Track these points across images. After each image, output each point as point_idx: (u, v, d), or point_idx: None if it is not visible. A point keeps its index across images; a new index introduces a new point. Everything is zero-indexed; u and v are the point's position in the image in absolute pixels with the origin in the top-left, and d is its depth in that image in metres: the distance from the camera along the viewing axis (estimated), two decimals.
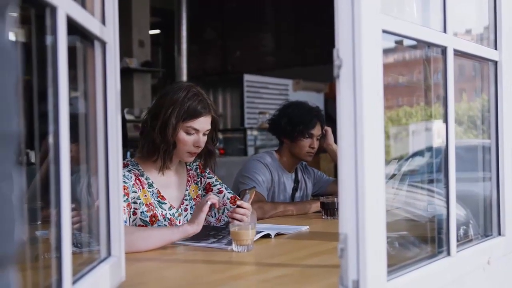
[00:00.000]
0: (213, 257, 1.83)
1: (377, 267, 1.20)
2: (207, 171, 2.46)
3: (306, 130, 3.01)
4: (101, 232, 1.37)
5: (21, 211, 0.63)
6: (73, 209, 1.43)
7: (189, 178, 2.39)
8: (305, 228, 2.38)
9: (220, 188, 2.43)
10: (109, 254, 1.38)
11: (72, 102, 1.12)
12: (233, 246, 1.88)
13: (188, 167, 2.43)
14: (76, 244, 1.32)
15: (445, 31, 1.52)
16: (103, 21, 1.35)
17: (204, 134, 2.25)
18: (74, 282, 1.10)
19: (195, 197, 2.38)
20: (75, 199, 1.12)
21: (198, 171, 2.44)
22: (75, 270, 1.09)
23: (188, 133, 2.21)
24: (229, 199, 2.38)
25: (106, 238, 1.38)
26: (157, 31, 10.37)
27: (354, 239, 1.17)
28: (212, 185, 2.43)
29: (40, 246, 1.37)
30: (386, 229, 1.23)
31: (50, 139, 1.01)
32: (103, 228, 1.37)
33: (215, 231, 2.16)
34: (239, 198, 2.37)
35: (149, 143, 2.22)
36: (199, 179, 2.43)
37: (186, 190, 2.36)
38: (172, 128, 2.17)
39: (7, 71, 0.59)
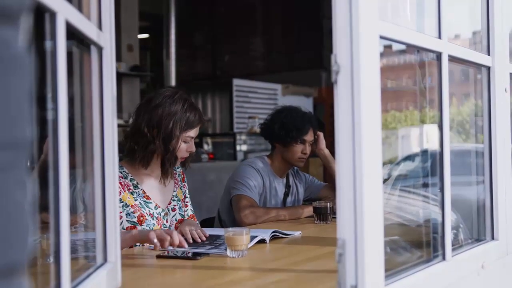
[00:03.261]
0: (208, 263, 1.82)
1: (375, 272, 1.20)
2: (185, 181, 2.56)
3: (299, 136, 3.00)
4: (97, 238, 1.36)
5: (33, 218, 0.63)
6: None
7: (176, 181, 2.48)
8: (298, 233, 2.38)
9: (188, 202, 2.53)
10: (105, 260, 1.37)
11: (68, 107, 1.11)
12: (228, 252, 1.88)
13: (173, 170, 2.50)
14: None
15: (440, 36, 1.53)
16: (100, 26, 1.35)
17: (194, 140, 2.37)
18: None
19: (181, 199, 2.48)
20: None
21: (180, 178, 2.53)
22: (71, 276, 1.08)
23: (185, 142, 2.31)
24: (188, 216, 2.47)
25: (102, 244, 1.37)
26: (145, 35, 10.35)
27: (352, 244, 1.17)
28: (185, 195, 2.54)
29: (37, 252, 1.35)
30: (383, 234, 1.24)
31: (49, 144, 1.00)
32: (99, 234, 1.37)
33: (211, 240, 2.15)
34: (195, 218, 2.51)
35: (149, 154, 2.27)
36: (182, 185, 2.53)
37: (174, 191, 2.45)
38: (176, 140, 2.27)
39: (21, 79, 0.59)
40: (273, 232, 2.21)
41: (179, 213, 2.43)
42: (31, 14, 0.65)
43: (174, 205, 2.42)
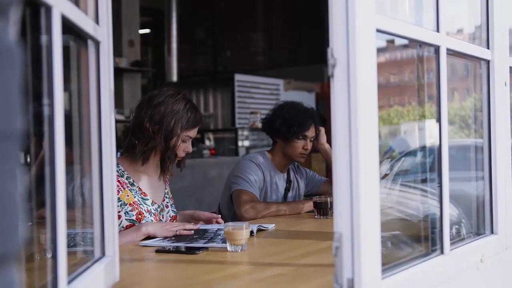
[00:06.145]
0: (207, 257, 1.83)
1: (371, 265, 1.20)
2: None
3: (300, 132, 3.00)
4: (95, 232, 1.37)
5: (24, 209, 0.63)
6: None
7: (166, 179, 2.52)
8: (271, 226, 2.39)
9: (171, 202, 2.53)
10: (103, 254, 1.37)
11: (65, 102, 1.11)
12: (227, 246, 1.88)
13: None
14: (69, 244, 1.31)
15: (438, 30, 1.52)
16: (97, 20, 1.35)
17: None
18: (69, 282, 1.09)
19: (171, 197, 2.53)
20: (67, 199, 1.12)
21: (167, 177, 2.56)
22: (69, 270, 1.09)
23: (183, 141, 2.34)
24: (170, 217, 2.47)
25: (100, 238, 1.37)
26: (147, 31, 10.35)
27: (349, 237, 1.18)
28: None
29: (33, 247, 1.36)
30: (380, 227, 1.24)
31: (45, 140, 1.01)
32: (97, 229, 1.37)
33: (199, 234, 2.16)
34: (176, 219, 2.51)
35: (149, 150, 2.30)
36: (169, 184, 2.57)
37: (166, 189, 2.49)
38: (177, 138, 2.30)
39: (11, 71, 0.59)
40: (258, 228, 2.24)
41: (171, 210, 2.48)
42: (20, 7, 0.66)
43: (167, 202, 2.47)
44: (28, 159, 1.38)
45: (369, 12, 1.20)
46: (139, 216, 2.26)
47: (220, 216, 2.49)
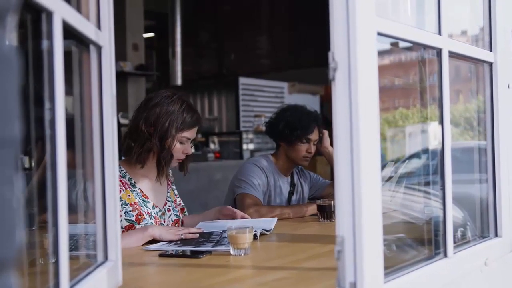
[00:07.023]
0: (211, 261, 1.82)
1: (374, 269, 1.20)
2: (173, 184, 2.59)
3: (303, 135, 3.00)
4: (98, 236, 1.37)
5: (21, 215, 0.63)
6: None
7: (169, 182, 2.52)
8: (274, 221, 2.41)
9: (174, 206, 2.51)
10: (106, 258, 1.37)
11: (67, 106, 1.11)
12: (231, 250, 1.88)
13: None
14: (71, 248, 1.31)
15: (440, 33, 1.52)
16: (99, 26, 1.35)
17: (191, 142, 2.39)
18: (72, 286, 1.09)
19: (174, 201, 2.51)
20: (70, 204, 1.12)
21: (172, 180, 2.57)
22: (71, 274, 1.09)
23: (181, 143, 2.34)
24: (172, 221, 2.47)
25: (103, 242, 1.37)
26: (151, 34, 10.35)
27: (351, 241, 1.17)
28: (176, 196, 2.57)
29: (36, 252, 1.36)
30: (382, 231, 1.23)
31: (47, 145, 1.01)
32: (99, 233, 1.37)
33: (205, 237, 2.16)
34: (178, 223, 2.50)
35: (145, 151, 2.30)
36: (173, 187, 2.57)
37: (168, 192, 2.49)
38: (172, 138, 2.29)
39: (9, 77, 0.59)
40: (261, 232, 2.24)
41: (174, 214, 2.48)
42: (18, 13, 0.66)
43: (169, 206, 2.47)
44: (32, 164, 1.39)
45: (369, 15, 1.20)
46: (139, 217, 2.26)
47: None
